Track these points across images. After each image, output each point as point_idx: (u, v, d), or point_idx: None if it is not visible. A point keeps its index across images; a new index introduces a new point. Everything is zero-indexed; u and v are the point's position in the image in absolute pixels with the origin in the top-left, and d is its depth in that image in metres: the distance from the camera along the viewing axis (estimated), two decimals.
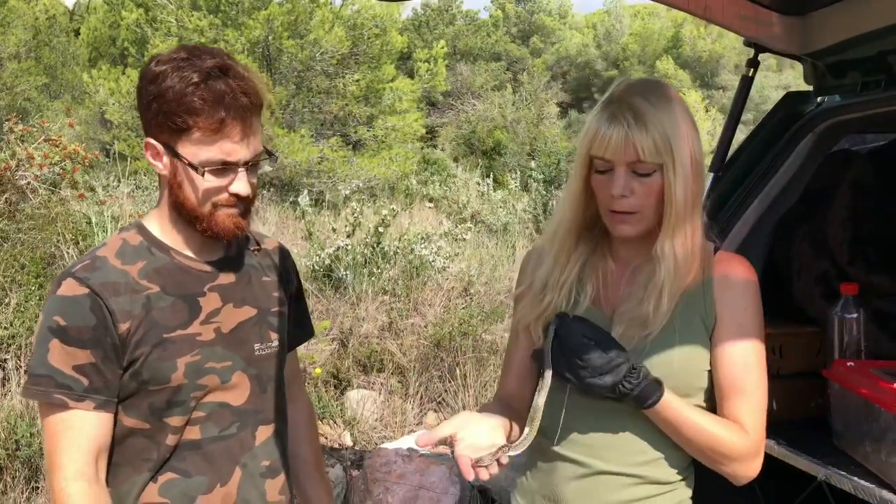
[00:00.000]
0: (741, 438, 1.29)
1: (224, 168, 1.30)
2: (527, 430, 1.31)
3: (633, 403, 1.28)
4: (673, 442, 1.33)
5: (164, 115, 1.27)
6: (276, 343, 1.46)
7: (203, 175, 1.29)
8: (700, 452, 1.31)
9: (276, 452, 1.45)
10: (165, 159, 1.32)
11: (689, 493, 1.40)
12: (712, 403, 1.35)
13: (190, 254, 1.39)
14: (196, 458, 1.35)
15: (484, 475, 1.21)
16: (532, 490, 1.43)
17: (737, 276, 1.35)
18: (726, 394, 1.32)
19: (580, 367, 1.26)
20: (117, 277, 1.31)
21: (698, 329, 1.33)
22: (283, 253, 1.57)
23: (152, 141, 1.32)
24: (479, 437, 1.25)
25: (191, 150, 1.28)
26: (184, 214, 1.34)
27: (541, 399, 1.31)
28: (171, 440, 1.33)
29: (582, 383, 1.27)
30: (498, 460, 1.22)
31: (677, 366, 1.31)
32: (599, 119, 1.29)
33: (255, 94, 1.30)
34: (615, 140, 1.26)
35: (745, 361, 1.31)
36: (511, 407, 1.43)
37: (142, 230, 1.39)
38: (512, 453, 1.26)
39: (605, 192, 1.31)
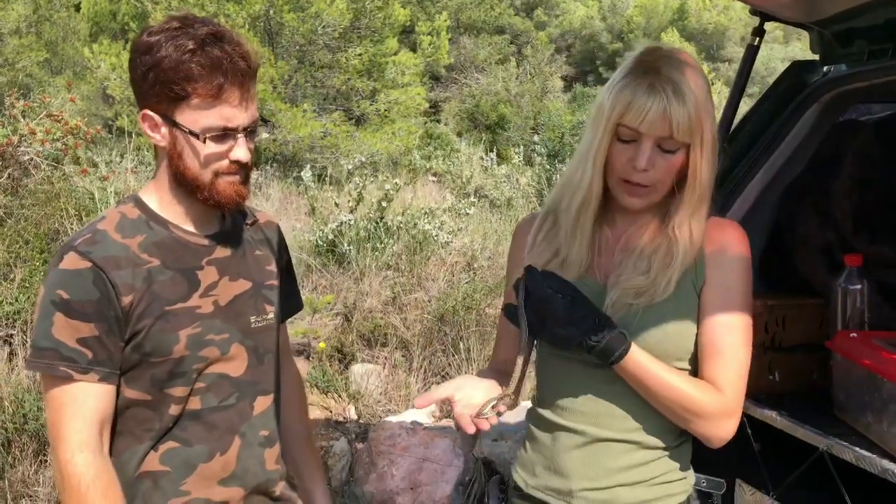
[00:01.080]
0: (713, 397, 1.28)
1: (224, 134, 1.30)
2: (513, 382, 1.33)
3: (600, 358, 1.26)
4: None
5: (161, 84, 1.26)
6: (271, 316, 1.47)
7: (204, 142, 1.29)
8: (669, 410, 1.30)
9: (274, 422, 1.47)
10: (164, 130, 1.31)
11: (688, 457, 1.41)
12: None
13: (187, 227, 1.39)
14: (196, 428, 1.36)
15: (485, 425, 1.28)
16: (533, 462, 1.43)
17: (728, 240, 1.35)
18: (706, 354, 1.31)
19: (545, 317, 1.26)
20: (118, 251, 1.31)
21: (689, 292, 1.33)
22: (275, 227, 1.58)
23: (149, 112, 1.31)
24: (476, 397, 1.31)
25: (190, 118, 1.28)
26: (184, 185, 1.34)
27: (521, 352, 1.32)
28: (173, 410, 1.34)
29: (549, 335, 1.28)
30: (497, 410, 1.30)
31: (671, 329, 1.31)
32: (636, 88, 1.25)
33: (251, 59, 1.30)
34: (653, 113, 1.23)
35: (728, 322, 1.30)
36: (504, 373, 1.44)
37: (139, 204, 1.38)
38: (507, 402, 1.32)
39: (627, 162, 1.28)
